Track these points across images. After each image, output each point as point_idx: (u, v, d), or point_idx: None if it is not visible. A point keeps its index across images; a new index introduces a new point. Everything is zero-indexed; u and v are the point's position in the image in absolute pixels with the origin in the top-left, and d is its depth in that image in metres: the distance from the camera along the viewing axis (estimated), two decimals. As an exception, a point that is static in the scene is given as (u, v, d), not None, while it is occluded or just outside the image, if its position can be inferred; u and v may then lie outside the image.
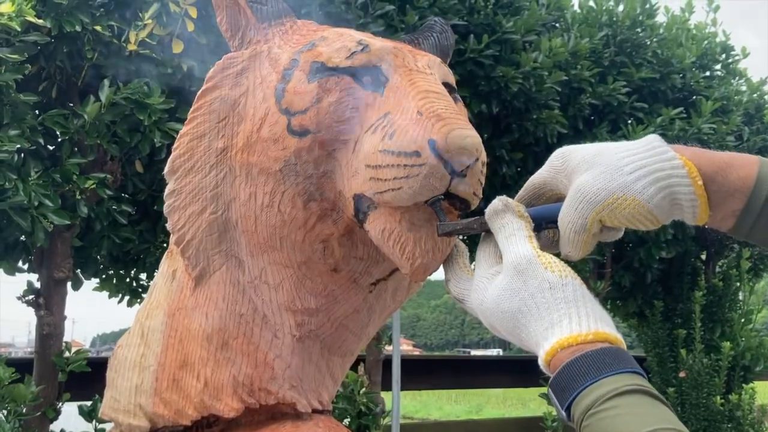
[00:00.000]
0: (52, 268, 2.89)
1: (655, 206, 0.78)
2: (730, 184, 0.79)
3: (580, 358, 0.71)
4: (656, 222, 0.81)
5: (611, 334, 0.74)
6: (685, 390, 4.86)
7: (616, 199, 0.79)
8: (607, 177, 0.80)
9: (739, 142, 4.74)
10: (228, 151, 1.05)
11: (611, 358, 0.70)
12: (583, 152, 0.84)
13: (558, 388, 0.72)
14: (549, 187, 0.90)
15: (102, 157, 2.91)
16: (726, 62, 4.96)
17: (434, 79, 0.99)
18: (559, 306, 0.75)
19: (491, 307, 0.81)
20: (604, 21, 4.27)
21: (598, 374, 0.69)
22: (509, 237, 0.82)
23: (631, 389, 0.68)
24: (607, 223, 0.82)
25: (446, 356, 12.42)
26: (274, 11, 1.10)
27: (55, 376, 2.92)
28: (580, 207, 0.81)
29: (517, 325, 0.78)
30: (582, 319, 0.74)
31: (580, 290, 0.76)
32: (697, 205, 0.79)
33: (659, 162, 0.79)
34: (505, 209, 0.84)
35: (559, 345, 0.72)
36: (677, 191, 0.78)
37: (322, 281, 1.06)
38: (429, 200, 0.90)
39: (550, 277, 0.76)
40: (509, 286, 0.78)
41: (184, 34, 2.79)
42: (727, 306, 5.21)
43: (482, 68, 3.49)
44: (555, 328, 0.74)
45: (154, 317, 1.13)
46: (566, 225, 0.82)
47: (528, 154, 3.96)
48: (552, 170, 0.88)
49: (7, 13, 2.32)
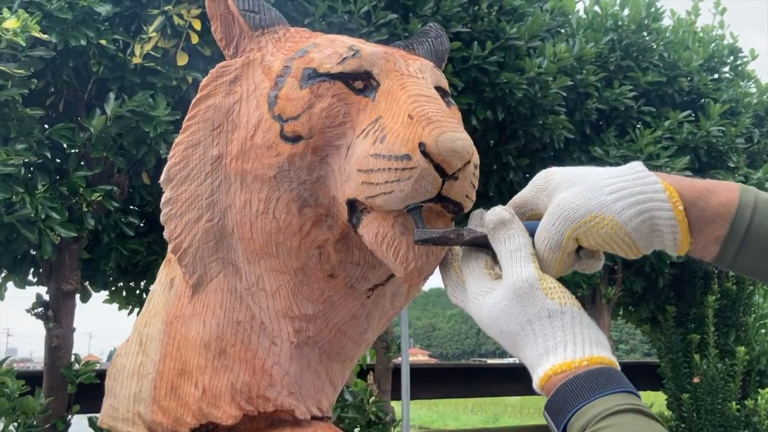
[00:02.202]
0: (61, 281, 2.91)
1: (633, 229, 0.77)
2: (711, 210, 0.77)
3: (573, 379, 0.71)
4: (635, 248, 0.79)
5: (606, 357, 0.74)
6: (700, 395, 4.81)
7: (593, 217, 0.78)
8: (587, 195, 0.79)
9: (749, 144, 4.71)
10: (223, 159, 1.05)
11: (604, 379, 0.71)
12: (565, 173, 0.84)
13: (553, 411, 0.72)
14: (530, 206, 0.88)
15: (109, 170, 2.93)
16: (734, 64, 4.93)
17: (426, 83, 0.99)
18: (556, 334, 0.75)
19: (489, 324, 0.81)
20: (610, 25, 4.26)
21: (592, 394, 0.70)
22: (514, 252, 0.81)
23: (625, 408, 0.68)
24: (584, 242, 0.80)
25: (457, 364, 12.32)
26: (267, 19, 1.11)
27: (64, 388, 2.93)
28: (558, 223, 0.80)
29: (515, 345, 0.79)
30: (577, 345, 0.74)
31: (578, 317, 0.76)
32: (678, 231, 0.77)
33: (641, 185, 0.78)
34: (512, 220, 0.83)
35: (553, 371, 0.73)
36: (657, 215, 0.77)
37: (319, 287, 1.06)
38: (408, 206, 0.89)
39: (550, 305, 0.76)
40: (508, 309, 0.78)
41: (188, 47, 2.82)
42: (741, 310, 5.16)
43: (487, 75, 3.49)
44: (550, 355, 0.74)
45: (152, 325, 1.13)
46: (542, 241, 0.81)
47: (535, 160, 3.95)
48: (534, 189, 0.87)
49: (13, 29, 2.34)
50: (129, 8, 2.85)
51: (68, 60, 2.72)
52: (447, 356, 74.06)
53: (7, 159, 2.39)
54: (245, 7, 1.10)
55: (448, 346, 77.32)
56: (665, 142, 4.12)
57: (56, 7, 2.55)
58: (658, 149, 4.03)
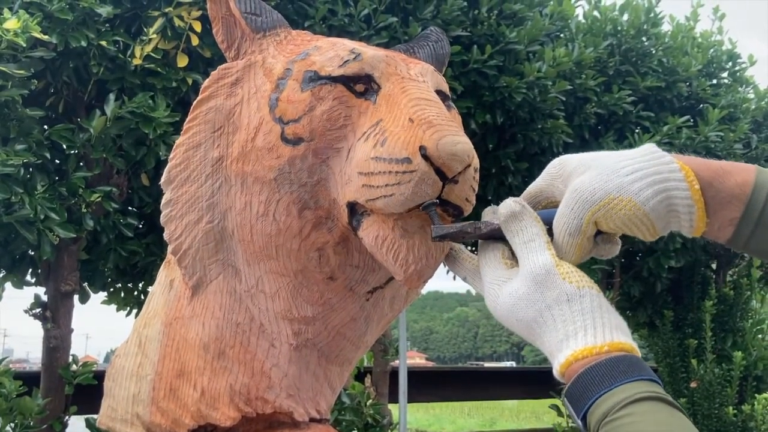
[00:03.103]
0: (59, 281, 2.91)
1: (651, 209, 0.76)
2: (727, 190, 0.77)
3: (595, 366, 0.71)
4: (652, 228, 0.79)
5: (627, 343, 0.73)
6: (696, 400, 4.82)
7: (612, 199, 0.77)
8: (603, 178, 0.78)
9: (747, 150, 4.72)
10: (223, 161, 1.06)
11: (626, 366, 0.70)
12: (580, 158, 0.84)
13: (573, 397, 0.72)
14: (545, 195, 0.88)
15: (108, 171, 2.93)
16: (733, 70, 4.94)
17: (426, 86, 0.99)
18: (576, 318, 0.74)
19: (505, 314, 0.80)
20: (609, 30, 4.27)
21: (612, 382, 0.69)
22: (528, 243, 0.80)
23: (647, 396, 0.67)
24: (602, 225, 0.80)
25: (455, 368, 12.28)
26: (268, 22, 1.11)
27: (62, 389, 2.93)
28: (576, 207, 0.79)
29: (532, 333, 0.78)
30: (597, 330, 0.73)
31: (597, 300, 0.76)
32: (694, 212, 0.77)
33: (657, 165, 0.78)
34: (522, 211, 0.82)
35: (574, 357, 0.72)
36: (674, 195, 0.76)
37: (318, 290, 1.06)
38: (423, 204, 0.89)
39: (568, 289, 0.76)
40: (526, 296, 0.78)
41: (188, 48, 2.82)
42: (739, 315, 5.17)
43: (486, 79, 3.49)
44: (570, 340, 0.74)
45: (151, 326, 1.14)
46: (561, 226, 0.81)
47: (534, 164, 3.95)
48: (549, 177, 0.87)
49: (13, 30, 2.35)
50: (130, 10, 2.85)
51: (68, 61, 2.73)
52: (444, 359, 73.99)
53: (7, 159, 2.39)
54: (247, 9, 1.10)
55: (445, 350, 77.29)
56: (664, 147, 4.11)
57: (57, 8, 2.55)
58: (657, 154, 4.02)
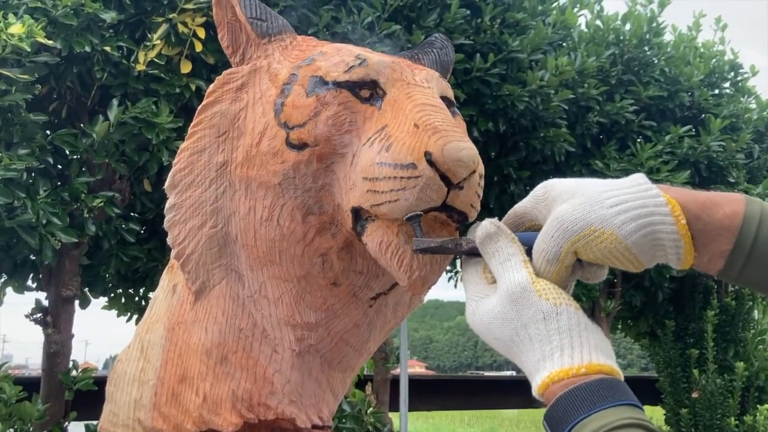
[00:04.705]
0: (60, 287, 2.91)
1: (634, 243, 0.74)
2: (715, 222, 0.75)
3: (575, 390, 0.68)
4: (636, 262, 0.77)
5: (606, 364, 0.71)
6: (698, 411, 4.80)
7: (593, 231, 0.75)
8: (586, 208, 0.76)
9: (749, 160, 4.72)
10: (228, 166, 1.05)
11: (606, 390, 0.68)
12: (565, 184, 0.82)
13: (552, 422, 0.70)
14: (529, 217, 0.87)
15: (110, 176, 2.93)
16: (735, 80, 4.95)
17: (431, 92, 0.99)
18: (552, 338, 0.72)
19: (483, 330, 0.79)
20: (611, 40, 4.28)
21: (592, 407, 0.67)
22: (504, 263, 0.79)
23: (628, 423, 0.65)
24: (582, 256, 0.78)
25: (456, 376, 12.25)
26: (274, 27, 1.11)
27: (62, 394, 2.92)
28: (556, 235, 0.77)
29: (510, 352, 0.77)
30: (575, 350, 0.71)
31: (575, 318, 0.74)
32: (681, 246, 0.75)
33: (642, 198, 0.75)
34: (498, 232, 0.81)
35: (550, 379, 0.70)
36: (659, 230, 0.74)
37: (321, 295, 1.06)
38: (407, 216, 0.89)
39: (544, 306, 0.74)
40: (502, 315, 0.76)
41: (192, 54, 2.83)
42: (740, 325, 5.16)
43: (489, 87, 3.50)
44: (546, 361, 0.72)
45: (153, 331, 1.13)
46: (540, 253, 0.79)
47: (536, 172, 3.96)
48: (534, 200, 0.85)
49: (18, 34, 2.35)
50: (134, 15, 2.86)
51: (72, 66, 2.73)
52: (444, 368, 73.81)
53: (10, 164, 2.39)
54: (252, 14, 1.11)
55: (445, 359, 77.14)
56: (666, 157, 4.13)
57: (61, 14, 2.56)
58: (659, 163, 4.04)
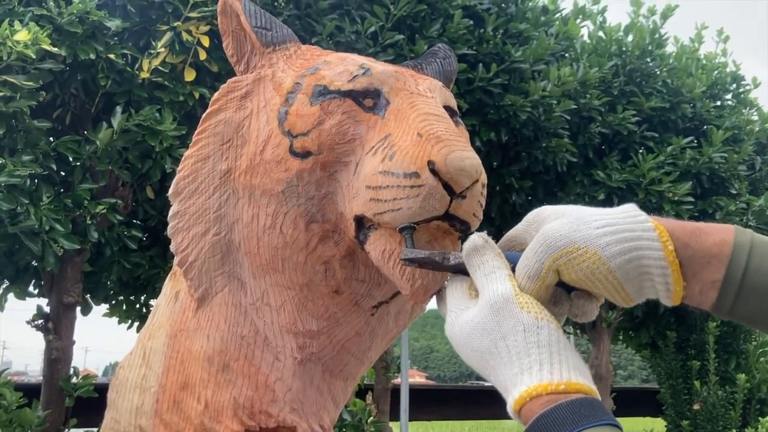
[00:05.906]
0: (62, 293, 2.91)
1: (618, 267, 0.73)
2: (705, 250, 0.74)
3: (555, 408, 0.66)
4: (621, 289, 0.75)
5: (585, 384, 0.69)
6: (700, 423, 4.78)
7: (576, 248, 0.74)
8: (573, 226, 0.76)
9: (751, 172, 4.72)
10: (231, 173, 1.06)
11: (588, 409, 0.67)
12: (556, 207, 0.82)
13: None
14: (519, 240, 0.87)
15: (113, 183, 2.94)
16: (737, 92, 4.96)
17: (435, 102, 1.00)
18: (531, 351, 0.71)
19: (461, 342, 0.77)
20: (614, 51, 4.29)
21: (574, 426, 0.65)
22: (488, 275, 0.78)
23: None
24: (564, 276, 0.76)
25: (456, 386, 12.18)
26: (278, 36, 1.12)
27: (62, 401, 2.91)
28: (540, 250, 0.76)
29: (487, 366, 0.74)
30: (554, 366, 0.70)
31: (555, 335, 0.72)
32: (669, 273, 0.73)
33: (631, 223, 0.75)
34: (485, 246, 0.80)
35: (528, 394, 0.68)
36: (646, 255, 0.73)
37: (323, 303, 1.06)
38: (400, 227, 0.89)
39: (525, 319, 0.73)
40: (482, 325, 0.75)
41: (196, 63, 2.84)
42: (742, 337, 5.15)
43: (491, 97, 3.51)
44: (525, 374, 0.70)
45: (156, 338, 1.13)
46: (522, 269, 0.78)
47: (538, 183, 3.96)
48: (525, 224, 0.86)
49: (23, 41, 2.37)
50: (138, 23, 2.88)
51: (77, 73, 2.75)
52: (444, 378, 73.53)
53: (13, 170, 2.40)
54: (257, 23, 1.11)
55: (446, 369, 76.84)
56: (668, 168, 4.14)
57: (67, 21, 2.57)
58: (661, 174, 4.04)
